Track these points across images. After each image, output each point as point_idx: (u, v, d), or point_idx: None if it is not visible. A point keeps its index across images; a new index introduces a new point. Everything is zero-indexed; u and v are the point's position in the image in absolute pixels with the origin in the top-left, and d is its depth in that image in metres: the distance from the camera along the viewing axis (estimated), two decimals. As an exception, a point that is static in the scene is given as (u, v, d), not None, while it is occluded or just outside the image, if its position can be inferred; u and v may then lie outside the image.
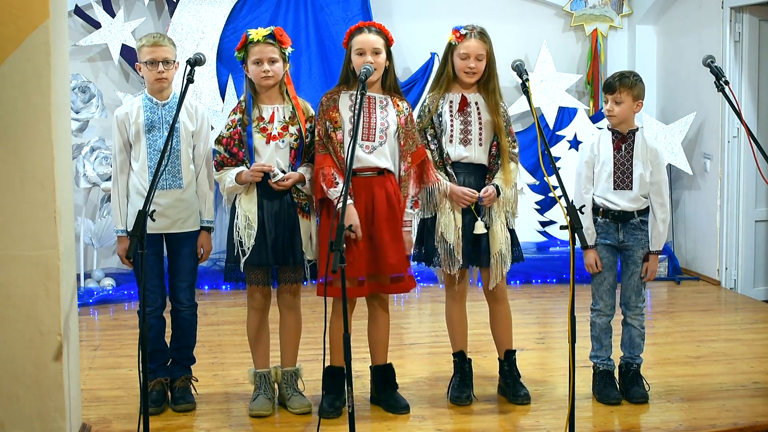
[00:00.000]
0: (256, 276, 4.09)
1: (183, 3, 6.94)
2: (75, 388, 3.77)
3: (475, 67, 4.12)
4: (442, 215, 4.13)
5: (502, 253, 4.12)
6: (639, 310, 4.32)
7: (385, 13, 7.18)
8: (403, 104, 4.13)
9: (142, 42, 4.13)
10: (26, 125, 3.47)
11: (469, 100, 4.17)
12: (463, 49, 4.12)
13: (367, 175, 4.04)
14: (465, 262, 4.16)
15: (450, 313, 4.32)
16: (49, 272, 3.52)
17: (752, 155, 4.21)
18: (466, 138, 4.15)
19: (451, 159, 4.16)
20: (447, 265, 4.14)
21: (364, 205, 4.02)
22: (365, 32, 4.04)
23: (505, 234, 4.15)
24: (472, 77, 4.15)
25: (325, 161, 4.01)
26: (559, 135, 7.32)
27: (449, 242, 4.11)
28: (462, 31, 4.15)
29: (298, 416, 4.10)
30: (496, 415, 4.15)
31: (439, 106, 4.17)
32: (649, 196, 4.28)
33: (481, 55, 4.12)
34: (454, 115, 4.16)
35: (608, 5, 7.67)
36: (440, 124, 4.15)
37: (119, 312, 6.26)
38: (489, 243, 4.13)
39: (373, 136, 4.04)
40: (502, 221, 4.15)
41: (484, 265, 4.17)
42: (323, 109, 4.07)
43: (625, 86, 4.20)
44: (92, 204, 6.87)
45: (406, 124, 4.09)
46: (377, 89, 4.10)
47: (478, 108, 4.17)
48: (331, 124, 4.03)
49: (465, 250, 4.14)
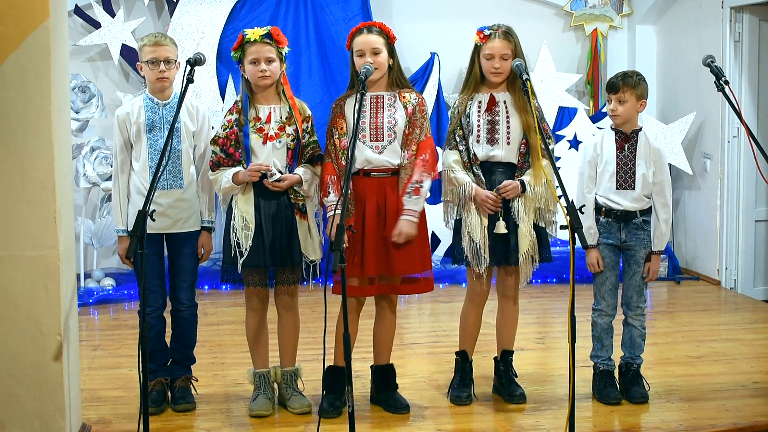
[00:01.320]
0: (253, 277, 4.09)
1: (183, 3, 6.94)
2: (75, 388, 3.77)
3: (500, 67, 4.11)
4: (469, 215, 4.12)
5: (530, 254, 4.11)
6: (640, 311, 4.32)
7: (385, 13, 7.17)
8: (411, 95, 4.11)
9: (144, 41, 4.13)
10: (26, 125, 3.47)
11: (497, 100, 4.15)
12: (487, 50, 4.12)
13: (379, 175, 4.04)
14: (492, 261, 4.14)
15: (466, 314, 4.30)
16: (49, 272, 3.52)
17: (752, 155, 4.21)
18: (493, 137, 4.13)
19: (478, 159, 4.14)
20: (475, 264, 4.13)
21: (377, 206, 4.02)
22: (364, 33, 4.04)
23: (532, 233, 4.12)
24: (499, 77, 4.13)
25: (326, 169, 4.03)
26: (559, 135, 7.31)
27: (476, 241, 4.10)
28: (486, 32, 4.14)
29: (298, 416, 4.10)
30: (496, 415, 4.15)
31: (467, 107, 4.16)
32: (651, 196, 4.28)
33: (506, 55, 4.10)
34: (481, 115, 4.14)
35: (608, 5, 7.67)
36: (468, 125, 4.15)
37: (119, 312, 6.26)
38: (517, 242, 4.11)
39: (381, 136, 4.03)
40: (529, 220, 4.12)
41: (513, 264, 4.15)
42: (332, 117, 4.09)
43: (629, 85, 4.20)
44: (92, 204, 6.87)
45: (413, 114, 4.07)
46: (383, 87, 4.09)
47: (506, 107, 4.15)
48: (337, 131, 4.03)
49: (493, 249, 4.12)
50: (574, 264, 3.41)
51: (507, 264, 4.17)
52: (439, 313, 6.19)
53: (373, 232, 4.00)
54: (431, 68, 7.16)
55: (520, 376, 4.38)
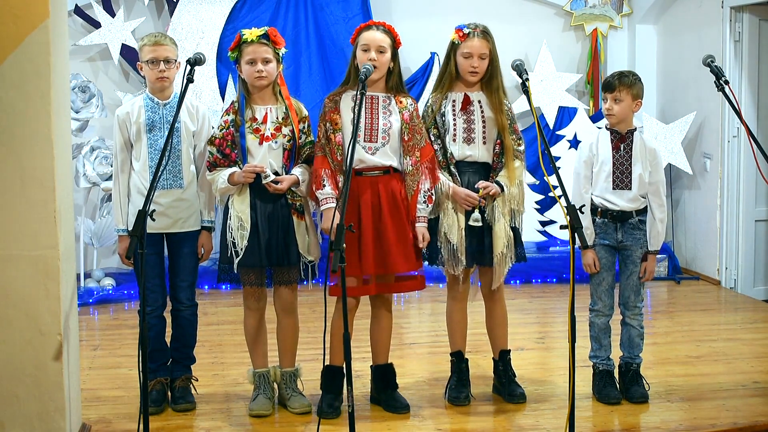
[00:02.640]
0: (250, 277, 4.09)
1: (183, 3, 6.94)
2: (75, 388, 3.77)
3: (478, 67, 4.11)
4: (445, 216, 4.12)
5: (504, 253, 4.12)
6: (638, 310, 4.32)
7: (385, 13, 7.17)
8: (407, 100, 4.12)
9: (144, 41, 4.13)
10: (26, 125, 3.47)
11: (472, 99, 4.16)
12: (466, 49, 4.11)
13: (372, 174, 4.04)
14: (469, 262, 4.15)
15: (451, 313, 4.32)
16: (49, 272, 3.52)
17: (752, 155, 4.21)
18: (470, 137, 4.14)
19: (455, 158, 4.15)
20: (450, 266, 4.13)
21: (371, 203, 4.02)
22: (373, 29, 4.04)
23: (508, 233, 4.14)
24: (476, 76, 4.13)
25: (320, 163, 4.02)
26: (559, 135, 7.32)
27: (452, 242, 4.10)
28: (465, 30, 4.13)
29: (298, 416, 4.10)
30: (496, 415, 4.15)
31: (442, 105, 4.16)
32: (647, 196, 4.28)
33: (484, 54, 4.10)
34: (457, 114, 4.14)
35: (608, 5, 7.67)
36: (443, 124, 4.14)
37: (119, 312, 6.26)
38: (492, 242, 4.12)
39: (375, 138, 4.03)
40: (505, 220, 4.14)
41: (487, 265, 4.17)
42: (325, 111, 4.07)
43: (625, 85, 4.20)
44: (92, 204, 6.87)
45: (411, 120, 4.07)
46: (380, 89, 4.09)
47: (481, 106, 4.15)
48: (331, 125, 4.02)
49: (468, 250, 4.13)
50: (574, 264, 3.41)
51: (482, 265, 4.18)
52: (439, 313, 6.16)
53: (370, 231, 4.00)
54: (431, 68, 7.16)
55: (520, 376, 4.38)
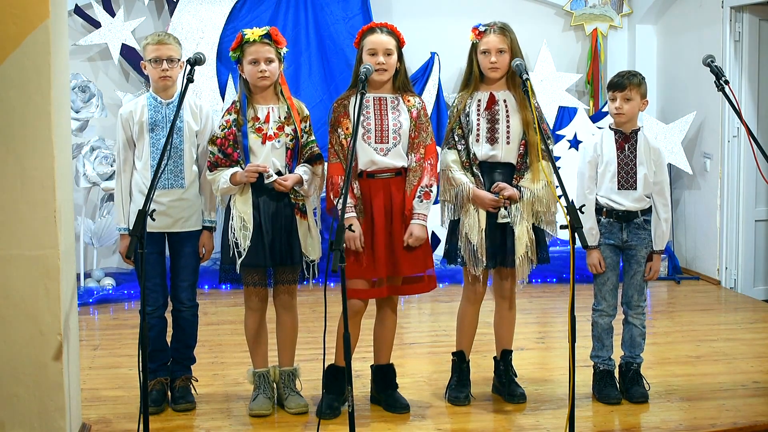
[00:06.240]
0: (252, 277, 4.09)
1: (183, 3, 6.94)
2: (75, 388, 3.77)
3: (497, 62, 4.08)
4: (466, 216, 4.11)
5: (528, 256, 4.10)
6: (641, 309, 4.33)
7: (385, 12, 7.16)
8: (415, 99, 4.12)
9: (148, 40, 4.14)
10: (26, 125, 3.47)
11: (497, 98, 4.13)
12: (483, 46, 4.10)
13: (384, 176, 4.04)
14: (489, 263, 4.14)
15: (463, 313, 4.30)
16: (49, 272, 3.52)
17: (752, 155, 4.21)
18: (493, 136, 4.11)
19: (478, 159, 4.12)
20: (471, 266, 4.12)
21: (383, 206, 4.02)
22: (378, 32, 4.03)
23: (530, 236, 4.10)
24: (497, 72, 4.11)
25: (335, 170, 4.02)
26: (559, 134, 7.32)
27: (473, 243, 4.09)
28: (481, 28, 4.13)
29: (297, 416, 4.09)
30: (496, 415, 4.15)
31: (466, 105, 4.14)
32: (651, 196, 4.29)
33: (502, 49, 4.08)
34: (481, 114, 4.13)
35: (608, 5, 7.67)
36: (467, 124, 4.13)
37: (119, 311, 6.26)
38: (514, 244, 4.09)
39: (386, 138, 4.03)
40: (528, 222, 4.10)
41: (509, 266, 4.14)
42: (335, 116, 4.06)
43: (634, 84, 4.22)
44: (92, 204, 6.87)
45: (418, 117, 4.08)
46: (388, 90, 4.09)
47: (506, 105, 4.13)
48: (343, 131, 4.02)
49: (489, 251, 4.11)
50: (574, 264, 3.41)
51: (503, 266, 4.17)
52: (439, 312, 6.19)
53: (382, 233, 4.00)
54: (431, 68, 7.17)
55: (520, 376, 4.38)
